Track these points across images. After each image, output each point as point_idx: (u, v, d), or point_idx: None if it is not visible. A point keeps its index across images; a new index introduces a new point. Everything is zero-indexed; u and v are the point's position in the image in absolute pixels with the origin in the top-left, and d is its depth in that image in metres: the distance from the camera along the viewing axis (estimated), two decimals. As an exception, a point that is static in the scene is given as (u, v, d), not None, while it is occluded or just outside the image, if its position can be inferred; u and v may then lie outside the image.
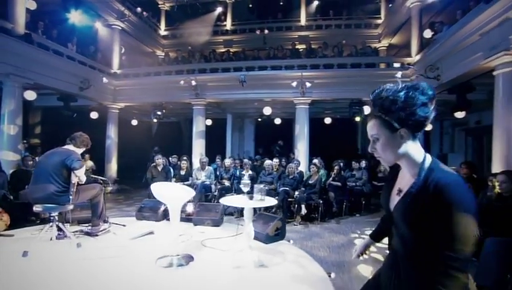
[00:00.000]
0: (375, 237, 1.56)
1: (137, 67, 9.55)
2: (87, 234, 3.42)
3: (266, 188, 6.05)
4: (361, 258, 1.59)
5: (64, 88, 7.50)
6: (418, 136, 1.10)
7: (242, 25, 12.02)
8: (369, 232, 1.49)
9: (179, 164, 6.75)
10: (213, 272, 2.69)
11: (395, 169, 1.24)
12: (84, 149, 3.34)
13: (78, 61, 7.88)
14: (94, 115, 9.63)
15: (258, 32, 11.19)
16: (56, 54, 7.22)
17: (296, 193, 5.81)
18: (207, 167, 6.67)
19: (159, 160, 6.43)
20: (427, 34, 7.63)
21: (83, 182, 3.13)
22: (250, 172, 6.59)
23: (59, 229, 3.12)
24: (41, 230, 3.20)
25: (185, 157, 7.51)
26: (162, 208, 4.26)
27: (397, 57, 8.05)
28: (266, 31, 11.13)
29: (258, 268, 2.56)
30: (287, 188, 5.86)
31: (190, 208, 4.33)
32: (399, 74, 6.41)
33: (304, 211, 5.32)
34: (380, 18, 10.87)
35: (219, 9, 11.81)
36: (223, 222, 4.36)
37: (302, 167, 7.47)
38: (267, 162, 6.56)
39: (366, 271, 3.04)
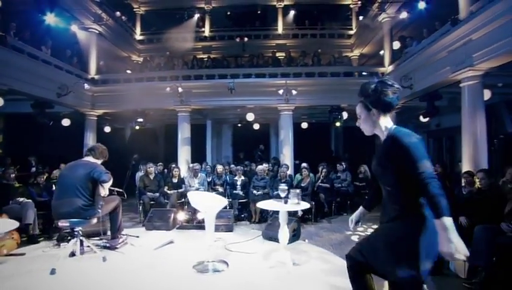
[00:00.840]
0: (367, 206, 1.96)
1: (117, 73, 9.25)
2: (106, 247, 3.34)
3: (260, 192, 6.32)
4: (358, 225, 1.88)
5: (41, 94, 7.06)
6: (388, 114, 1.65)
7: (220, 31, 12.16)
8: (360, 229, 1.82)
9: (171, 172, 6.68)
10: (251, 273, 2.83)
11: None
12: (102, 161, 3.29)
13: (55, 66, 7.46)
14: (66, 122, 9.12)
15: (238, 39, 11.41)
16: (32, 58, 6.78)
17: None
18: (199, 174, 6.70)
19: (151, 168, 6.35)
20: (396, 45, 8.52)
21: (106, 195, 3.09)
22: (242, 177, 6.77)
23: (81, 243, 3.03)
24: (53, 247, 3.09)
25: (173, 165, 7.46)
26: (172, 216, 4.27)
27: (373, 67, 8.77)
28: (246, 39, 11.40)
29: (291, 266, 2.77)
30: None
31: (201, 215, 4.39)
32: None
33: (300, 212, 5.62)
34: (351, 29, 11.71)
35: (197, 16, 11.81)
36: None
37: (289, 171, 7.80)
38: (260, 167, 6.78)
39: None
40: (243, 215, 6.18)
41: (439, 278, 3.17)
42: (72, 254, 2.91)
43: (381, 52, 10.76)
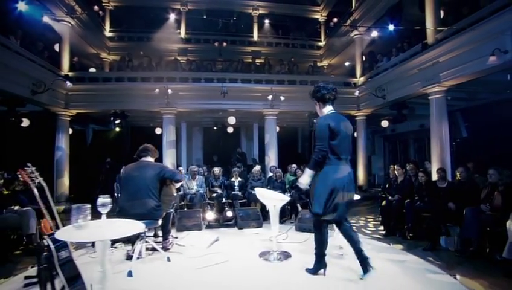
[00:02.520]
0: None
1: (92, 71, 8.68)
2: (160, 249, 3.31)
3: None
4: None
5: (14, 90, 6.35)
6: (327, 104, 2.73)
7: (196, 34, 12.15)
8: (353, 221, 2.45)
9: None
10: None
11: None
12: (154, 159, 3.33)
13: (29, 59, 6.76)
14: (25, 122, 8.24)
15: (216, 44, 11.58)
16: (3, 47, 6.07)
17: (288, 194, 6.60)
18: (197, 177, 6.77)
19: (150, 171, 6.21)
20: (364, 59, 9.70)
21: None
22: (239, 179, 7.04)
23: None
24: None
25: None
26: (201, 216, 4.36)
27: (347, 77, 9.77)
28: (224, 44, 11.64)
29: (339, 249, 3.23)
30: (280, 191, 6.58)
31: (230, 214, 4.55)
32: (356, 93, 8.08)
33: (300, 209, 6.12)
34: (320, 41, 12.79)
35: (172, 17, 11.63)
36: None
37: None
38: (256, 168, 7.13)
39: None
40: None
41: (434, 253, 3.96)
42: (133, 257, 2.85)
43: (346, 64, 12.06)
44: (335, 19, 9.85)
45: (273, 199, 2.93)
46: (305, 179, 2.61)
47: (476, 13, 5.27)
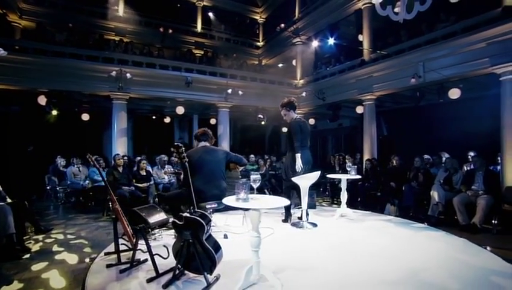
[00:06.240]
0: None
1: (24, 40, 7.06)
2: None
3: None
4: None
5: None
6: (295, 110, 4.18)
7: (137, 15, 11.15)
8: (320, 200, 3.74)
9: (139, 165, 6.27)
10: (334, 222, 4.11)
11: None
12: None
13: None
14: None
15: (161, 29, 10.99)
16: None
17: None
18: (166, 166, 6.67)
19: (120, 160, 5.80)
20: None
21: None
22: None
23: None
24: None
25: (136, 157, 6.98)
26: None
27: (290, 79, 10.93)
28: (170, 31, 11.16)
29: (353, 215, 4.26)
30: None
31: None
32: (304, 94, 9.36)
33: (268, 194, 6.91)
34: (259, 41, 13.73)
35: (109, -11, 10.35)
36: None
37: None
38: (223, 158, 7.49)
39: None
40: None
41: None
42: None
43: (280, 65, 13.41)
44: (282, 25, 10.88)
45: (307, 179, 3.61)
46: (299, 164, 3.74)
47: (400, 44, 7.16)
